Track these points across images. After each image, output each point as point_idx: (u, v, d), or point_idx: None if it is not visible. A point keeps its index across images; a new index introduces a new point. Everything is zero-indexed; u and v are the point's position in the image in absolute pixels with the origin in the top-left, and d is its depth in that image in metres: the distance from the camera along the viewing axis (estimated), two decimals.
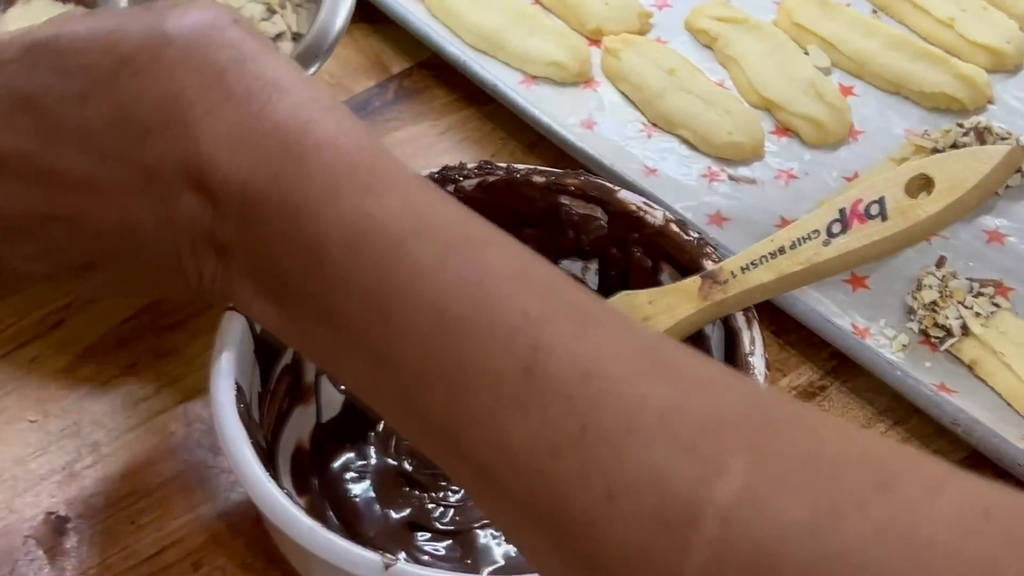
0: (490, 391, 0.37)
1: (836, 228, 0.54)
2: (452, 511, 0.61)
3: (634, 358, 0.37)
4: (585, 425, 0.35)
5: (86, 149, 0.44)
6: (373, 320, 0.40)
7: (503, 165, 0.65)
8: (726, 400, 0.36)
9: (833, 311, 0.70)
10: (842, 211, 0.54)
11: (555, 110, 0.81)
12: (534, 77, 0.84)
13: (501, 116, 0.83)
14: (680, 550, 0.33)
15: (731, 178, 0.77)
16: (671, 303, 0.58)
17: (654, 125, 0.81)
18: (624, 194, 0.64)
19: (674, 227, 0.62)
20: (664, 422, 0.34)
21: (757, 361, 0.56)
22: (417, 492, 0.61)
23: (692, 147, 0.79)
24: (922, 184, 0.53)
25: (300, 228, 0.41)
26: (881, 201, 0.53)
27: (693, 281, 0.58)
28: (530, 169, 0.65)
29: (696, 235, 0.62)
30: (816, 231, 0.55)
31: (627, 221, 0.64)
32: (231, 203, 0.42)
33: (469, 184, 0.64)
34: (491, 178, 0.65)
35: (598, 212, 0.64)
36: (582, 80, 0.84)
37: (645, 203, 0.64)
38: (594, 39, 0.86)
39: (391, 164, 0.42)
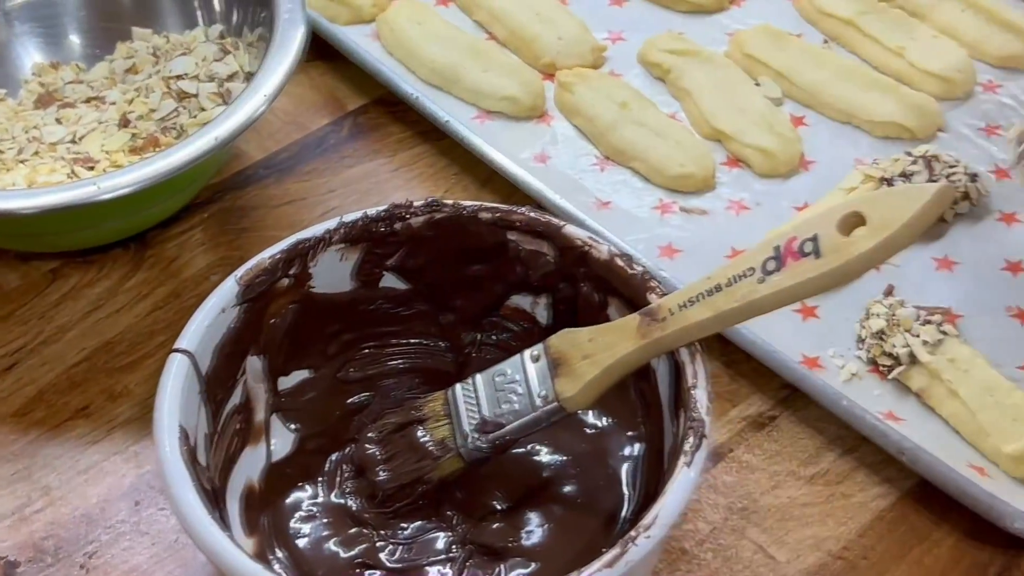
0: None
1: (771, 265, 0.54)
2: (401, 548, 0.61)
3: None
4: None
5: None
6: None
7: (450, 202, 0.65)
8: None
9: (783, 341, 0.70)
10: (777, 248, 0.54)
11: (509, 145, 0.81)
12: (488, 112, 0.84)
13: (455, 152, 0.83)
14: None
15: (683, 210, 0.78)
16: (611, 341, 0.58)
17: (607, 158, 0.81)
18: (570, 229, 0.64)
19: (619, 261, 0.63)
20: None
21: (700, 394, 0.56)
22: (366, 531, 0.61)
23: (645, 179, 0.80)
24: (856, 222, 0.53)
25: None
26: (815, 239, 0.54)
27: (632, 319, 0.58)
28: (478, 206, 0.65)
29: (641, 268, 0.62)
30: (752, 268, 0.55)
31: (574, 256, 0.64)
32: None
33: (417, 222, 0.65)
34: (439, 215, 0.65)
35: (545, 247, 0.65)
36: (536, 114, 0.84)
37: (591, 237, 0.64)
38: (548, 73, 0.87)
39: None
